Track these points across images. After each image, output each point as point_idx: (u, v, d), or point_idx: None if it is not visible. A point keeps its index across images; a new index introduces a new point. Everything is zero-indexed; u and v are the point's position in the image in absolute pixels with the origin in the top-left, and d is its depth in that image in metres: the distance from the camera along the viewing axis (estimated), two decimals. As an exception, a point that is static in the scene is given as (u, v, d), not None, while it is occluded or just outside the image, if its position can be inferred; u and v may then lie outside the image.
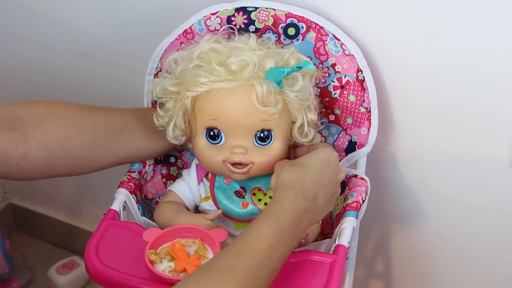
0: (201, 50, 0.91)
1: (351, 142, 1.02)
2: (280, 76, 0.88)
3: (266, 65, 0.89)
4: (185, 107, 0.91)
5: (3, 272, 1.57)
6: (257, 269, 0.76)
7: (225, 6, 1.00)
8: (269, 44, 0.94)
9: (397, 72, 1.02)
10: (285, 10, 0.99)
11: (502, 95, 0.97)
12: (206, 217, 0.93)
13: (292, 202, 0.82)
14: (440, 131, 1.05)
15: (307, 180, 0.85)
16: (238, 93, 0.88)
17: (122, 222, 0.94)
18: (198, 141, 0.93)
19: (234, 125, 0.89)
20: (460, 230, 1.16)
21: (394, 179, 1.14)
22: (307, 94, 0.92)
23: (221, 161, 0.91)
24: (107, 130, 0.97)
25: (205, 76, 0.89)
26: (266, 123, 0.90)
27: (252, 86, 0.87)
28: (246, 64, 0.88)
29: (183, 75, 0.91)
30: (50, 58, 1.35)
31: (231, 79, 0.88)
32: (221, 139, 0.91)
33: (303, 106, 0.92)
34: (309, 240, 0.94)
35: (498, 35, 0.92)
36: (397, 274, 1.29)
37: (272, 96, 0.88)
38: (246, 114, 0.89)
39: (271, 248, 0.78)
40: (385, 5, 0.97)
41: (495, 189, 1.07)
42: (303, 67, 0.90)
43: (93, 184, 1.54)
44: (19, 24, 1.34)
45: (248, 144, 0.91)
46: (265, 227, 0.79)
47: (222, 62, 0.89)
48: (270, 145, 0.91)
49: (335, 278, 0.83)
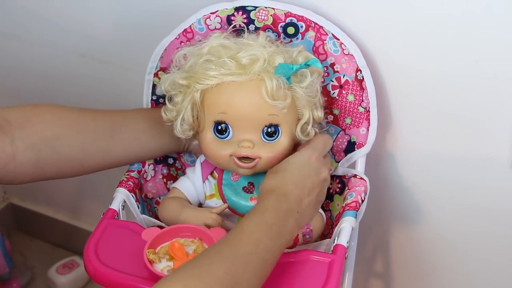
0: (211, 46, 0.92)
1: (350, 142, 1.02)
2: (289, 72, 0.89)
3: (275, 61, 0.90)
4: (194, 100, 0.92)
5: (3, 272, 1.57)
6: (245, 256, 0.76)
7: (225, 6, 1.00)
8: (277, 43, 0.95)
9: (397, 72, 1.02)
10: (284, 10, 0.99)
11: (502, 95, 0.97)
12: (212, 211, 0.93)
13: (275, 204, 0.84)
14: (440, 131, 1.05)
15: (288, 182, 0.87)
16: (248, 86, 0.89)
17: (121, 221, 0.94)
18: (205, 135, 0.93)
19: (242, 118, 0.90)
20: (460, 230, 1.16)
21: (394, 179, 1.14)
22: (314, 91, 0.93)
23: (228, 155, 0.92)
24: (96, 130, 0.96)
25: (215, 70, 0.89)
26: (274, 117, 0.90)
27: (262, 80, 0.88)
28: (257, 59, 0.89)
29: (193, 69, 0.92)
30: (50, 59, 1.35)
31: (241, 73, 0.89)
32: (229, 134, 0.92)
33: (311, 103, 0.93)
34: (313, 236, 0.94)
35: (498, 35, 0.92)
36: (396, 274, 1.29)
37: (281, 91, 0.89)
38: (255, 107, 0.89)
39: (257, 240, 0.79)
40: (385, 5, 0.97)
41: (495, 189, 1.07)
42: (311, 64, 0.92)
43: (93, 184, 1.54)
44: (19, 24, 1.34)
45: (256, 138, 0.91)
46: (250, 223, 0.81)
47: (232, 56, 0.90)
48: (277, 141, 0.92)
49: (333, 277, 0.83)
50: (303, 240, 0.92)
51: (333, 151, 1.04)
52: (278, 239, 0.81)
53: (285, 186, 0.86)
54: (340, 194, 1.01)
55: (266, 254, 0.79)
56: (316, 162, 0.91)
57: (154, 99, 1.06)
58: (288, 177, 0.87)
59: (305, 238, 0.92)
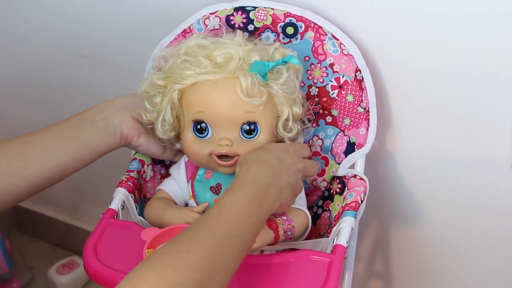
0: (188, 46, 0.93)
1: (349, 143, 1.02)
2: (265, 69, 0.90)
3: (251, 58, 0.90)
4: (173, 100, 0.92)
5: (3, 272, 1.57)
6: (224, 238, 0.75)
7: (224, 6, 1.00)
8: (255, 41, 0.96)
9: (397, 72, 1.02)
10: (284, 10, 0.99)
11: (502, 95, 0.97)
12: (193, 210, 0.93)
13: (255, 175, 0.83)
14: (440, 131, 1.05)
15: (269, 157, 0.87)
16: (223, 85, 0.90)
17: (120, 221, 0.94)
18: (185, 135, 0.93)
19: (220, 117, 0.90)
20: (459, 230, 1.16)
21: (394, 179, 1.14)
22: (292, 88, 0.93)
23: (207, 154, 0.92)
24: (5, 155, 0.92)
25: (191, 69, 0.90)
26: (251, 115, 0.91)
27: (237, 78, 0.89)
28: (231, 57, 0.89)
29: (170, 70, 0.93)
30: (50, 58, 1.35)
31: (217, 71, 0.89)
32: (208, 133, 0.92)
33: (289, 100, 0.93)
34: (295, 232, 0.93)
35: (499, 35, 0.92)
36: (396, 274, 1.29)
37: (256, 88, 0.89)
38: (232, 106, 0.90)
39: (236, 219, 0.77)
40: (385, 5, 0.97)
41: (495, 189, 1.07)
42: (288, 61, 0.92)
43: (93, 184, 1.54)
44: (19, 24, 1.34)
45: (234, 136, 0.91)
46: (228, 200, 0.80)
47: (208, 55, 0.91)
48: (256, 138, 0.92)
49: (332, 278, 0.83)
50: (284, 236, 0.92)
51: (333, 153, 1.04)
52: (258, 215, 0.80)
53: (266, 159, 0.86)
54: (341, 194, 1.01)
55: (246, 234, 0.78)
56: (293, 153, 0.91)
57: (154, 99, 1.06)
58: (269, 153, 0.88)
59: (286, 234, 0.92)
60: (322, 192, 1.06)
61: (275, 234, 0.90)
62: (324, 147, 1.04)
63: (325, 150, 1.04)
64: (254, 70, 0.89)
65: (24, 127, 1.51)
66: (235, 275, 0.77)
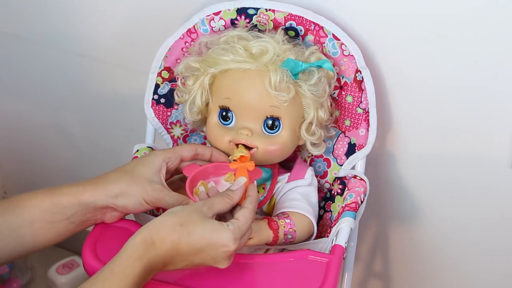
0: (229, 35, 0.96)
1: (350, 144, 1.02)
2: (297, 68, 0.92)
3: (286, 56, 0.92)
4: (204, 84, 0.95)
5: (3, 272, 1.57)
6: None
7: (227, 6, 1.00)
8: (294, 42, 0.97)
9: (397, 72, 1.02)
10: (285, 11, 0.98)
11: (502, 95, 0.97)
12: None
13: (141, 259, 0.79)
14: (440, 131, 1.05)
15: (177, 254, 0.80)
16: (254, 75, 0.92)
17: (120, 220, 0.94)
18: (210, 119, 0.96)
19: (245, 105, 0.93)
20: (459, 231, 1.16)
21: (394, 179, 1.14)
22: (321, 91, 0.95)
23: (227, 141, 0.94)
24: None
25: (226, 55, 0.93)
26: (275, 109, 0.92)
27: (268, 71, 0.91)
28: (267, 50, 0.92)
29: (207, 54, 0.96)
30: (50, 58, 1.35)
31: (250, 61, 0.92)
32: (232, 121, 0.94)
33: (316, 103, 0.94)
34: (296, 236, 0.92)
35: (499, 36, 0.92)
36: (396, 274, 1.29)
37: (284, 84, 0.91)
38: (258, 97, 0.92)
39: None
40: (386, 6, 0.97)
41: (495, 189, 1.07)
42: (321, 66, 0.94)
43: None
44: (19, 24, 1.34)
45: (256, 128, 0.93)
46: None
47: (245, 45, 0.93)
48: (277, 134, 0.94)
49: (331, 278, 0.83)
50: (284, 239, 0.92)
51: (334, 155, 1.04)
52: None
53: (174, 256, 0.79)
54: (341, 195, 1.01)
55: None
56: (223, 254, 0.79)
57: (155, 98, 1.06)
58: (182, 247, 0.79)
59: (286, 237, 0.92)
60: (325, 193, 1.06)
61: (274, 234, 0.90)
62: (326, 149, 1.03)
63: (327, 152, 1.04)
64: (286, 66, 0.91)
65: (24, 127, 1.52)
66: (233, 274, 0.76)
